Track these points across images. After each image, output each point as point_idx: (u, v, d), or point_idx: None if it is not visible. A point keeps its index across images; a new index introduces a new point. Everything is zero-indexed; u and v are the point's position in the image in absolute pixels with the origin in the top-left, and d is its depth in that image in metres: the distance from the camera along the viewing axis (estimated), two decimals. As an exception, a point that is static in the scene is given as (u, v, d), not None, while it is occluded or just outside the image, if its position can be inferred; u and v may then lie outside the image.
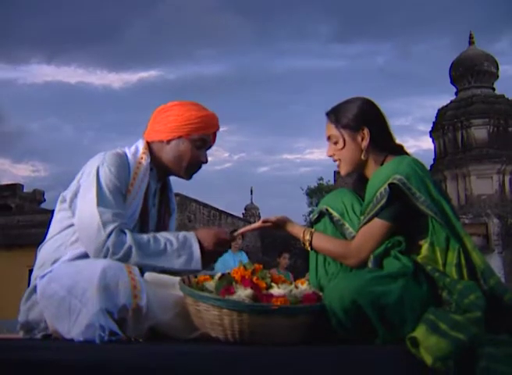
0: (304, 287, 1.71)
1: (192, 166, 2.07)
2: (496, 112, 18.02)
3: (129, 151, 2.02)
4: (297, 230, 1.90)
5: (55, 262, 1.88)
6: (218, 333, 1.60)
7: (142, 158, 2.01)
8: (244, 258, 6.84)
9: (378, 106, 1.91)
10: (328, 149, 1.91)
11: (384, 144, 1.85)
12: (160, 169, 2.08)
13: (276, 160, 66.18)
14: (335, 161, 1.90)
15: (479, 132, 17.97)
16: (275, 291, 1.63)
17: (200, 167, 2.11)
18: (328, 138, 1.90)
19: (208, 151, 2.11)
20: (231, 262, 6.30)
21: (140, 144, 2.05)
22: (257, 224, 1.97)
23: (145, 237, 1.87)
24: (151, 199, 2.06)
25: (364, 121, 1.83)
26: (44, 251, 1.95)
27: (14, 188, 20.98)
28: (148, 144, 2.07)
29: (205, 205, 17.36)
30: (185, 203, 16.38)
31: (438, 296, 1.62)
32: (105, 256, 1.81)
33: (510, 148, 17.67)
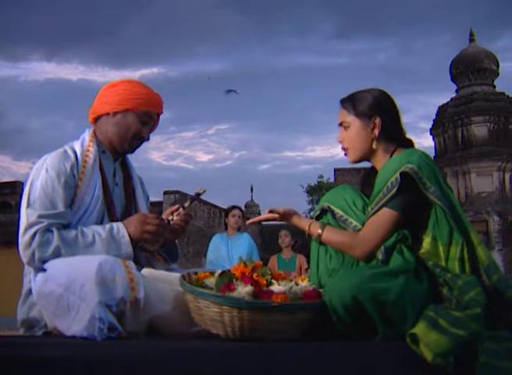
0: (304, 283, 1.72)
1: (135, 139, 2.12)
2: (497, 110, 18.00)
3: (76, 143, 2.08)
4: (305, 222, 1.90)
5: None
6: (219, 329, 1.60)
7: (89, 145, 2.07)
8: (245, 241, 5.57)
9: (393, 98, 1.93)
10: (339, 135, 1.93)
11: (394, 135, 1.87)
12: (112, 150, 2.13)
13: (277, 158, 65.98)
14: (343, 148, 1.92)
15: (479, 129, 17.95)
16: (276, 287, 1.63)
17: (141, 143, 2.16)
18: (340, 124, 1.92)
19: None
20: (223, 249, 5.49)
21: (86, 134, 2.12)
22: (265, 215, 1.97)
23: (73, 232, 1.88)
24: (111, 180, 2.12)
25: (377, 110, 1.85)
26: None
27: (14, 186, 20.92)
28: (94, 129, 2.13)
29: (205, 203, 17.34)
30: (185, 200, 16.33)
31: (438, 293, 1.62)
32: (33, 258, 1.84)
33: (510, 145, 17.67)
